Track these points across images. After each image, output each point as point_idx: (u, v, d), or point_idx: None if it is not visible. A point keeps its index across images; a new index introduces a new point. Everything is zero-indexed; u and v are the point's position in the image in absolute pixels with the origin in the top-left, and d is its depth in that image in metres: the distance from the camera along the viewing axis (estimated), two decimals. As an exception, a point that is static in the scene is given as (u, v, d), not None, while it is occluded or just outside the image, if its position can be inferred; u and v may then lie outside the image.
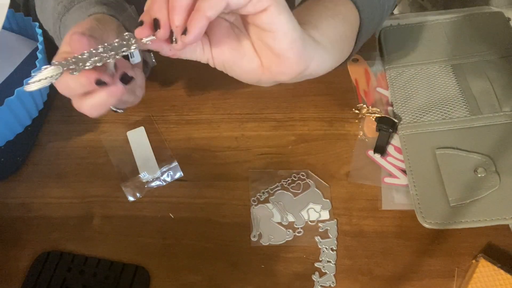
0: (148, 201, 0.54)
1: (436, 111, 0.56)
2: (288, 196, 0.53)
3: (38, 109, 0.59)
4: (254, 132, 0.59)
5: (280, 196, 0.53)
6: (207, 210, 0.53)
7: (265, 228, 0.51)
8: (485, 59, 0.59)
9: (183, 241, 0.51)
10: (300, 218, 0.51)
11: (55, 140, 0.59)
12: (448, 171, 0.51)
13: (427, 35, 0.64)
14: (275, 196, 0.53)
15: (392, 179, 0.53)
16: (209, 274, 0.49)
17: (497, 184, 0.49)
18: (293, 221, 0.51)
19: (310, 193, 0.53)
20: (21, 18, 0.62)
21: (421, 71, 0.60)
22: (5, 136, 0.57)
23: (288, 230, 0.51)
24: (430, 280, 0.47)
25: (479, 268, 0.46)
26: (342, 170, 0.55)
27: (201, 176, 0.55)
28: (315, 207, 0.52)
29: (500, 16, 0.64)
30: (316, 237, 0.50)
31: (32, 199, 0.54)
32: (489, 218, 0.47)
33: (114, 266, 0.49)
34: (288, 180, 0.54)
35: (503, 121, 0.53)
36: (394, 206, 0.52)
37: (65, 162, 0.57)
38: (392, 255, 0.49)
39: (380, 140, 0.56)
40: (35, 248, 0.51)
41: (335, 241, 0.50)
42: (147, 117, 0.60)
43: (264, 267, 0.49)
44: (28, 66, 0.55)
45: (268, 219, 0.52)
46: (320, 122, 0.59)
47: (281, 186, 0.54)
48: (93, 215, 0.53)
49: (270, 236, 0.50)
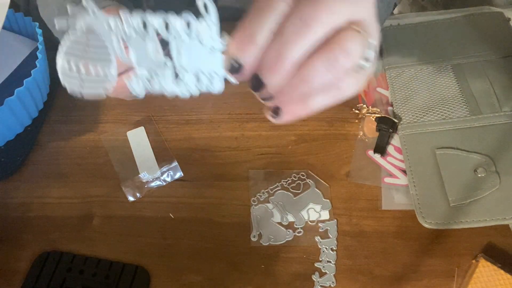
0: (148, 201, 0.54)
1: (436, 111, 0.56)
2: (288, 196, 0.53)
3: (38, 109, 0.59)
4: (254, 132, 0.59)
5: (280, 196, 0.53)
6: (207, 210, 0.53)
7: (265, 228, 0.51)
8: (485, 59, 0.59)
9: (183, 241, 0.51)
10: (300, 218, 0.51)
11: (55, 140, 0.59)
12: (448, 171, 0.51)
13: (427, 35, 0.64)
14: (275, 196, 0.53)
15: (392, 179, 0.53)
16: (209, 274, 0.49)
17: (497, 184, 0.49)
18: (293, 221, 0.51)
19: (310, 193, 0.53)
20: (21, 18, 0.62)
21: (421, 71, 0.60)
22: (5, 136, 0.57)
23: (288, 230, 0.51)
24: (430, 280, 0.47)
25: (479, 268, 0.46)
26: (342, 170, 0.55)
27: (201, 176, 0.55)
28: (315, 207, 0.52)
29: (500, 16, 0.64)
30: (316, 237, 0.50)
31: (32, 199, 0.54)
32: (489, 218, 0.47)
33: (114, 266, 0.49)
34: (288, 180, 0.54)
35: (503, 121, 0.53)
36: (394, 206, 0.52)
37: (65, 162, 0.57)
38: (392, 255, 0.49)
39: (380, 140, 0.56)
40: (35, 248, 0.51)
41: (335, 241, 0.50)
42: (147, 117, 0.60)
43: (264, 267, 0.49)
44: (28, 66, 0.55)
45: (268, 219, 0.52)
46: (320, 122, 0.59)
47: (281, 186, 0.54)
48: (93, 215, 0.53)
49: (270, 236, 0.50)
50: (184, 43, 0.28)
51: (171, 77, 0.29)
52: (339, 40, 0.27)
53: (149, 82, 0.29)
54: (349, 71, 0.28)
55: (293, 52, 0.26)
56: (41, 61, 0.55)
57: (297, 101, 0.29)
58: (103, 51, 0.28)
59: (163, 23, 0.27)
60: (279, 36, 0.27)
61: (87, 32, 0.27)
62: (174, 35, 0.28)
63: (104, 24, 0.27)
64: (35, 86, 0.55)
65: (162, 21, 0.27)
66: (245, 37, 0.27)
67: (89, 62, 0.28)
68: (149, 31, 0.27)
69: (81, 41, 0.28)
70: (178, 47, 0.28)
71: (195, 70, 0.29)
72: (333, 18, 0.27)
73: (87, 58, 0.28)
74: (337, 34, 0.27)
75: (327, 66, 0.27)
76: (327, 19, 0.26)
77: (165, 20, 0.27)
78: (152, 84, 0.29)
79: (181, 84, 0.29)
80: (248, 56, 0.27)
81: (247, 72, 0.28)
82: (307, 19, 0.26)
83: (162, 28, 0.27)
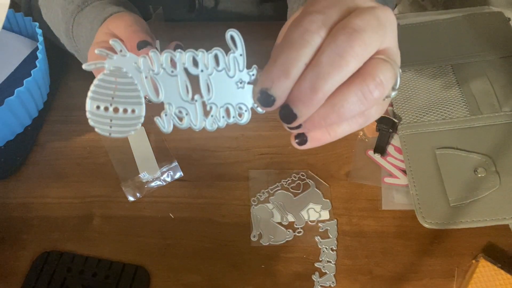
0: (148, 201, 0.54)
1: (436, 111, 0.56)
2: (288, 196, 0.53)
3: (38, 109, 0.59)
4: (254, 132, 0.59)
5: (280, 196, 0.53)
6: (207, 210, 0.53)
7: (265, 228, 0.51)
8: (485, 59, 0.59)
9: (183, 241, 0.51)
10: (300, 218, 0.51)
11: (55, 140, 0.59)
12: (448, 171, 0.51)
13: (427, 35, 0.64)
14: (275, 196, 0.53)
15: (392, 179, 0.53)
16: (209, 274, 0.49)
17: (497, 184, 0.49)
18: (293, 221, 0.51)
19: (310, 193, 0.53)
20: (21, 18, 0.62)
21: (421, 71, 0.60)
22: (5, 136, 0.57)
23: (288, 230, 0.51)
24: (430, 280, 0.47)
25: (479, 268, 0.46)
26: (342, 170, 0.55)
27: (201, 176, 0.55)
28: (315, 207, 0.52)
29: (500, 16, 0.64)
30: (316, 237, 0.50)
31: (32, 199, 0.54)
32: (489, 218, 0.47)
33: (114, 266, 0.49)
34: (288, 180, 0.54)
35: (503, 121, 0.53)
36: (394, 206, 0.52)
37: (65, 162, 0.57)
38: (392, 255, 0.49)
39: (380, 140, 0.56)
40: (35, 248, 0.51)
41: (335, 241, 0.50)
42: (147, 117, 0.60)
43: (264, 267, 0.49)
44: (28, 66, 0.55)
45: (268, 219, 0.52)
46: (320, 122, 0.59)
47: (281, 186, 0.54)
48: (93, 215, 0.53)
49: (270, 236, 0.50)
50: (213, 77, 0.28)
51: (200, 113, 0.29)
52: (371, 72, 0.27)
53: (178, 118, 0.29)
54: (379, 100, 0.28)
55: (327, 84, 0.26)
56: (41, 61, 0.55)
57: (323, 129, 0.29)
58: (132, 90, 0.28)
59: (191, 58, 0.27)
60: (314, 68, 0.27)
61: (115, 71, 0.27)
62: (202, 70, 0.28)
63: (132, 64, 0.27)
64: (35, 86, 0.55)
65: (190, 56, 0.27)
66: (278, 71, 0.27)
67: (117, 102, 0.28)
68: (178, 67, 0.28)
69: (109, 81, 0.28)
70: (206, 82, 0.28)
71: (224, 103, 0.29)
72: (367, 50, 0.27)
73: (115, 98, 0.28)
74: (368, 65, 0.27)
75: (361, 99, 0.27)
76: (361, 52, 0.27)
77: (193, 55, 0.27)
78: (182, 121, 0.29)
79: (209, 119, 0.29)
80: (281, 89, 0.27)
81: (278, 105, 0.28)
82: (342, 52, 0.26)
83: (190, 63, 0.28)
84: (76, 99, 0.62)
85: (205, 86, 0.28)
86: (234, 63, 0.28)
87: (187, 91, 0.28)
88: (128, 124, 0.29)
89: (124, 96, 0.28)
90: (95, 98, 0.27)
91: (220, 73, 0.28)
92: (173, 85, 0.28)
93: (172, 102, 0.29)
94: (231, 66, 0.28)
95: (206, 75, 0.28)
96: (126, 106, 0.28)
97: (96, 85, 0.27)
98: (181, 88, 0.28)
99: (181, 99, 0.28)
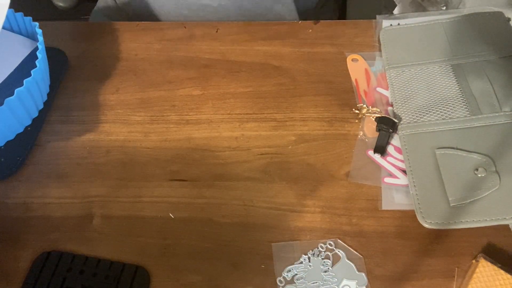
0: (148, 201, 0.54)
1: (436, 111, 0.56)
2: (316, 271, 0.47)
3: (38, 109, 0.59)
4: (254, 132, 0.59)
5: (308, 273, 0.47)
6: (207, 210, 0.53)
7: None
8: (485, 59, 0.59)
9: (183, 241, 0.51)
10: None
11: (55, 140, 0.59)
12: (448, 171, 0.51)
13: (427, 35, 0.64)
14: (302, 273, 0.47)
15: (392, 179, 0.53)
16: (209, 274, 0.49)
17: (497, 184, 0.49)
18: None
19: (342, 266, 0.47)
20: (21, 18, 0.62)
21: (421, 71, 0.60)
22: (5, 136, 0.57)
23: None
24: (430, 280, 0.47)
25: (479, 268, 0.46)
26: (342, 170, 0.55)
27: (201, 176, 0.55)
28: (350, 284, 0.46)
29: (500, 16, 0.64)
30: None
31: (32, 199, 0.54)
32: (489, 218, 0.47)
33: (114, 266, 0.49)
34: (314, 252, 0.49)
35: (503, 121, 0.53)
36: (394, 206, 0.52)
37: (65, 162, 0.57)
38: (392, 255, 0.49)
39: (380, 140, 0.56)
40: (35, 248, 0.51)
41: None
42: (147, 117, 0.60)
43: (264, 267, 0.49)
44: (28, 66, 0.55)
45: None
46: (320, 122, 0.59)
47: (308, 259, 0.48)
48: (93, 215, 0.53)
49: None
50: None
51: None
52: None
53: None
54: None
55: None
56: (41, 61, 0.55)
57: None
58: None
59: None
60: None
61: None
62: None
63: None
64: (35, 86, 0.55)
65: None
66: None
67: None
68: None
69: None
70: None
71: None
72: None
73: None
74: None
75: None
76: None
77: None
78: None
79: None
80: None
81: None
82: None
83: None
84: (76, 99, 0.62)
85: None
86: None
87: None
88: None
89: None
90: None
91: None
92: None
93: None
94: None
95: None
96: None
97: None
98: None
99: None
